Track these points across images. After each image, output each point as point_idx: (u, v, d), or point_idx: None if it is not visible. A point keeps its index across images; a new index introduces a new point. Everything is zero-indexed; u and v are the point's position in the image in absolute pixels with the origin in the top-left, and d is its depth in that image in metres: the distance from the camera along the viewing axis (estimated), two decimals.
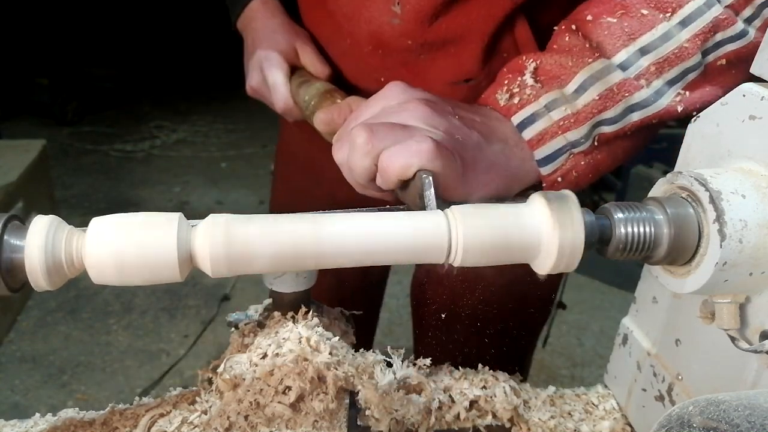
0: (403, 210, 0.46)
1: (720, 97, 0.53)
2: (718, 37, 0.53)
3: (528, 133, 0.53)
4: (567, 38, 0.55)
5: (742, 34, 0.53)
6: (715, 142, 0.45)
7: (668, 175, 0.43)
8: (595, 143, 0.54)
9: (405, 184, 0.46)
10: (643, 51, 0.53)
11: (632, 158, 0.59)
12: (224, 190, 3.33)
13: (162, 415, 0.50)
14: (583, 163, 0.55)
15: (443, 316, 0.88)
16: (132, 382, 1.99)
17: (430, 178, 0.43)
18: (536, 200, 0.41)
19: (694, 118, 0.47)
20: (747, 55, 0.54)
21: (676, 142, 0.51)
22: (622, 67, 0.53)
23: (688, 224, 0.39)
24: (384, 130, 0.46)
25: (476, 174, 0.49)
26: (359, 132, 0.46)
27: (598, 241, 0.41)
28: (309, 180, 0.93)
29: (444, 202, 0.44)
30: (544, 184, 0.55)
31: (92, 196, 3.20)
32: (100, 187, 3.30)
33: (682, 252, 0.40)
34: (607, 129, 0.54)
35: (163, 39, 4.85)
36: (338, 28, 0.75)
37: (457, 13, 0.68)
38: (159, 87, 4.67)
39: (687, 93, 0.54)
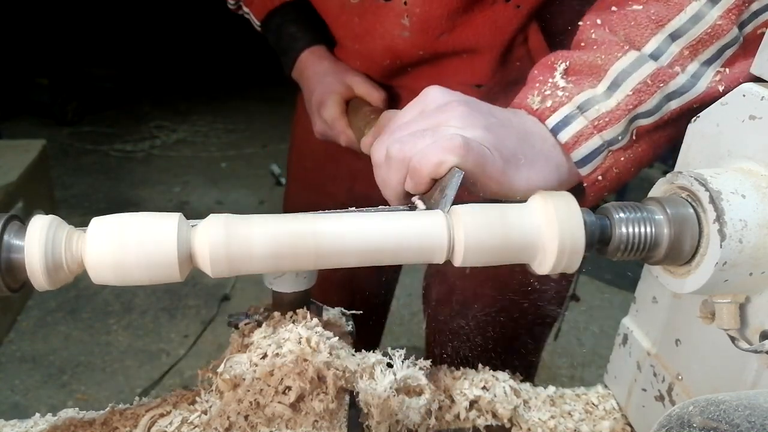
0: (403, 210, 0.46)
1: None
2: (754, 6, 0.50)
3: (563, 136, 0.52)
4: (593, 34, 0.54)
5: None
6: (715, 142, 0.45)
7: (668, 175, 0.43)
8: (634, 137, 0.53)
9: (437, 186, 0.46)
10: (674, 36, 0.51)
11: (671, 146, 0.57)
12: (224, 190, 3.33)
13: (162, 415, 0.50)
14: (623, 159, 0.53)
15: (455, 314, 0.89)
16: (132, 382, 1.99)
17: (461, 176, 0.43)
18: (536, 200, 0.41)
19: (694, 118, 0.47)
20: None
21: (676, 143, 0.51)
22: (654, 56, 0.51)
23: (688, 224, 0.39)
24: (415, 139, 0.46)
25: (518, 170, 0.48)
26: (394, 145, 0.47)
27: (598, 241, 0.41)
28: (325, 176, 0.95)
29: (473, 202, 0.43)
30: (585, 184, 0.54)
31: (92, 196, 3.20)
32: (100, 187, 3.30)
33: (682, 252, 0.40)
34: (644, 122, 0.52)
35: (163, 39, 4.85)
36: (351, 46, 0.80)
37: (465, 25, 0.71)
38: (159, 87, 4.67)
39: (727, 70, 0.52)
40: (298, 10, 0.88)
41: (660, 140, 0.55)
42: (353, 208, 0.45)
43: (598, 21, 0.54)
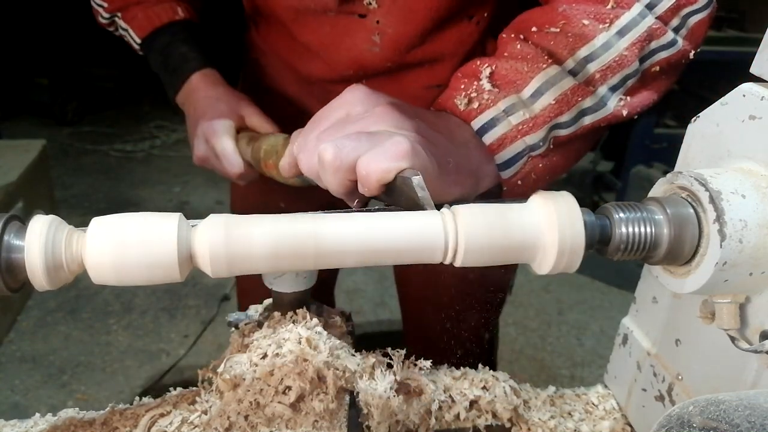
0: (402, 210, 0.46)
1: (655, 101, 0.60)
2: (653, 45, 0.56)
3: (488, 138, 0.53)
4: (518, 46, 0.57)
5: (672, 43, 0.57)
6: (715, 142, 0.45)
7: (668, 175, 0.43)
8: (551, 146, 0.56)
9: (388, 189, 0.45)
10: (588, 59, 0.55)
11: (579, 160, 0.63)
12: (224, 190, 3.32)
13: (162, 415, 0.50)
14: (540, 165, 0.56)
15: (421, 293, 0.95)
16: (132, 382, 1.99)
17: (420, 177, 0.42)
18: (536, 200, 0.41)
19: (694, 118, 0.47)
20: (676, 62, 0.59)
21: (676, 142, 0.51)
22: (572, 73, 0.55)
23: (688, 224, 0.39)
24: (350, 142, 0.45)
25: (447, 174, 0.48)
26: (325, 149, 0.45)
27: (598, 241, 0.41)
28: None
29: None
30: (504, 188, 0.56)
31: (92, 196, 3.20)
32: (100, 187, 3.30)
33: (682, 252, 0.40)
34: (562, 132, 0.55)
35: None
36: (309, 54, 0.78)
37: (432, 41, 0.74)
38: (159, 87, 4.63)
39: (628, 98, 0.57)
40: (188, 30, 0.85)
41: (571, 152, 0.59)
42: (354, 209, 0.45)
43: (522, 36, 0.58)
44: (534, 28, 0.57)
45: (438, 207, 0.42)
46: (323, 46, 0.77)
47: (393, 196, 0.45)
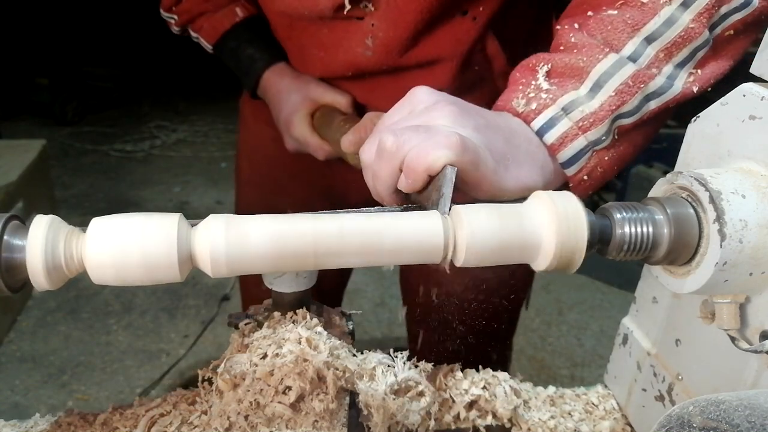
0: (402, 210, 0.46)
1: (731, 66, 0.55)
2: (723, 9, 0.52)
3: (549, 138, 0.53)
4: (572, 37, 0.55)
5: (746, 3, 0.53)
6: (715, 142, 0.45)
7: (668, 175, 0.43)
8: (616, 137, 0.54)
9: (428, 184, 0.46)
10: (649, 39, 0.52)
11: (650, 142, 0.60)
12: (224, 190, 3.33)
13: (162, 415, 0.50)
14: (606, 158, 0.55)
15: (430, 300, 0.92)
16: (132, 382, 1.99)
17: (455, 173, 0.43)
18: (537, 200, 0.41)
19: (694, 118, 0.47)
20: (754, 21, 0.54)
21: (676, 142, 0.51)
22: (632, 58, 0.53)
23: (688, 224, 0.39)
24: (409, 132, 0.46)
25: (508, 169, 0.49)
26: (386, 136, 0.47)
27: (598, 240, 0.41)
28: (283, 175, 0.96)
29: (464, 201, 0.43)
30: (571, 184, 0.55)
31: (92, 196, 3.20)
32: (100, 187, 3.30)
33: (682, 252, 0.40)
34: (626, 121, 0.54)
35: (163, 39, 4.85)
36: (310, 56, 0.80)
37: (426, 43, 0.73)
38: (159, 87, 4.67)
39: (699, 71, 0.54)
40: (252, 29, 0.88)
41: (639, 139, 0.57)
42: (353, 209, 0.45)
43: (576, 25, 0.56)
44: (590, 12, 0.55)
45: None
46: (321, 48, 0.77)
47: (425, 191, 0.46)
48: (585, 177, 0.55)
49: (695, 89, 0.54)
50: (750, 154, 0.41)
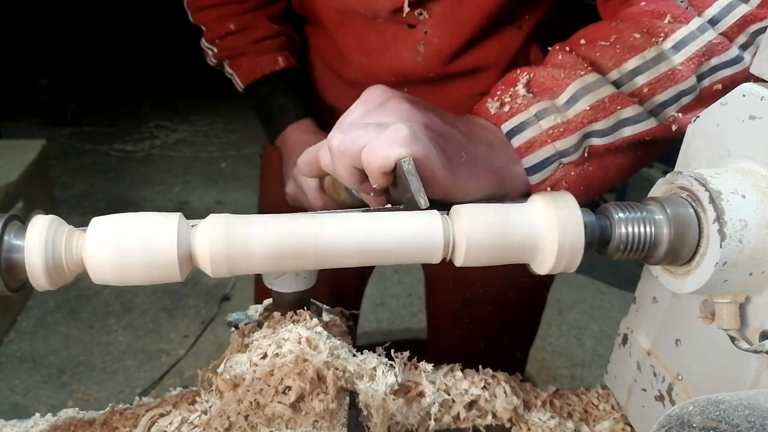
0: (402, 210, 0.46)
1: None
2: (714, 61, 0.54)
3: (517, 141, 0.53)
4: (560, 56, 0.56)
5: (737, 60, 0.54)
6: (715, 142, 0.45)
7: (668, 175, 0.43)
8: (585, 154, 0.54)
9: (394, 180, 0.46)
10: (635, 72, 0.53)
11: (624, 176, 0.59)
12: (224, 190, 3.33)
13: (162, 415, 0.50)
14: (573, 173, 0.54)
15: (454, 314, 0.92)
16: (132, 382, 1.99)
17: (411, 164, 0.43)
18: (536, 200, 0.41)
19: (694, 118, 0.47)
20: (742, 81, 0.54)
21: (676, 142, 0.51)
22: (617, 84, 0.54)
23: (688, 224, 0.39)
24: (357, 130, 0.46)
25: (459, 166, 0.48)
26: (334, 135, 0.47)
27: (598, 241, 0.41)
28: None
29: (434, 201, 0.43)
30: (533, 193, 0.55)
31: (92, 196, 3.20)
32: (100, 187, 3.30)
33: (682, 252, 0.40)
34: (597, 141, 0.54)
35: (163, 39, 4.85)
36: (351, 60, 0.80)
37: (475, 51, 0.73)
38: (159, 87, 4.67)
39: (680, 115, 0.55)
40: (289, 80, 0.89)
41: (610, 166, 0.56)
42: (353, 209, 0.45)
43: (567, 48, 0.57)
44: (583, 41, 0.56)
45: (448, 206, 0.42)
46: (365, 52, 0.78)
47: (399, 188, 0.45)
48: (548, 189, 0.54)
49: (674, 128, 0.54)
50: (750, 154, 0.41)
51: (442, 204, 0.43)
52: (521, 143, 0.53)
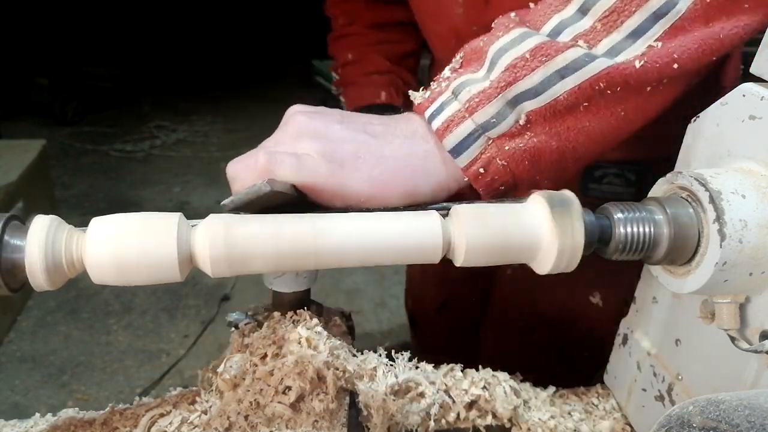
0: (402, 210, 0.46)
1: (718, 44, 0.45)
2: None
3: (436, 123, 0.47)
4: (495, 22, 0.51)
5: None
6: (715, 142, 0.45)
7: (668, 175, 0.43)
8: (521, 123, 0.46)
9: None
10: (583, 9, 0.45)
11: (612, 144, 0.48)
12: (224, 190, 3.30)
13: (162, 415, 0.50)
14: (508, 148, 0.46)
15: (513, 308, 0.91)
16: (132, 382, 1.99)
17: (259, 184, 0.43)
18: (536, 200, 0.41)
19: (694, 118, 0.47)
20: None
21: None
22: (551, 35, 0.46)
23: (688, 224, 0.39)
24: (239, 161, 0.47)
25: (358, 170, 0.45)
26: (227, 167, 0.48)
27: (597, 240, 0.41)
28: None
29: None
30: (465, 178, 0.48)
31: (92, 196, 3.20)
32: (100, 187, 3.30)
33: (681, 252, 0.40)
34: (532, 105, 0.45)
35: (163, 39, 4.86)
36: (426, 31, 0.83)
37: None
38: (159, 87, 4.68)
39: (660, 44, 0.44)
40: (383, 111, 0.89)
41: (566, 132, 0.46)
42: (353, 209, 0.45)
43: (512, 14, 0.50)
44: (531, 4, 0.50)
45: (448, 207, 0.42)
46: (430, 17, 0.79)
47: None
48: (481, 170, 0.47)
49: (638, 64, 0.44)
50: (750, 154, 0.41)
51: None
52: (439, 124, 0.47)
